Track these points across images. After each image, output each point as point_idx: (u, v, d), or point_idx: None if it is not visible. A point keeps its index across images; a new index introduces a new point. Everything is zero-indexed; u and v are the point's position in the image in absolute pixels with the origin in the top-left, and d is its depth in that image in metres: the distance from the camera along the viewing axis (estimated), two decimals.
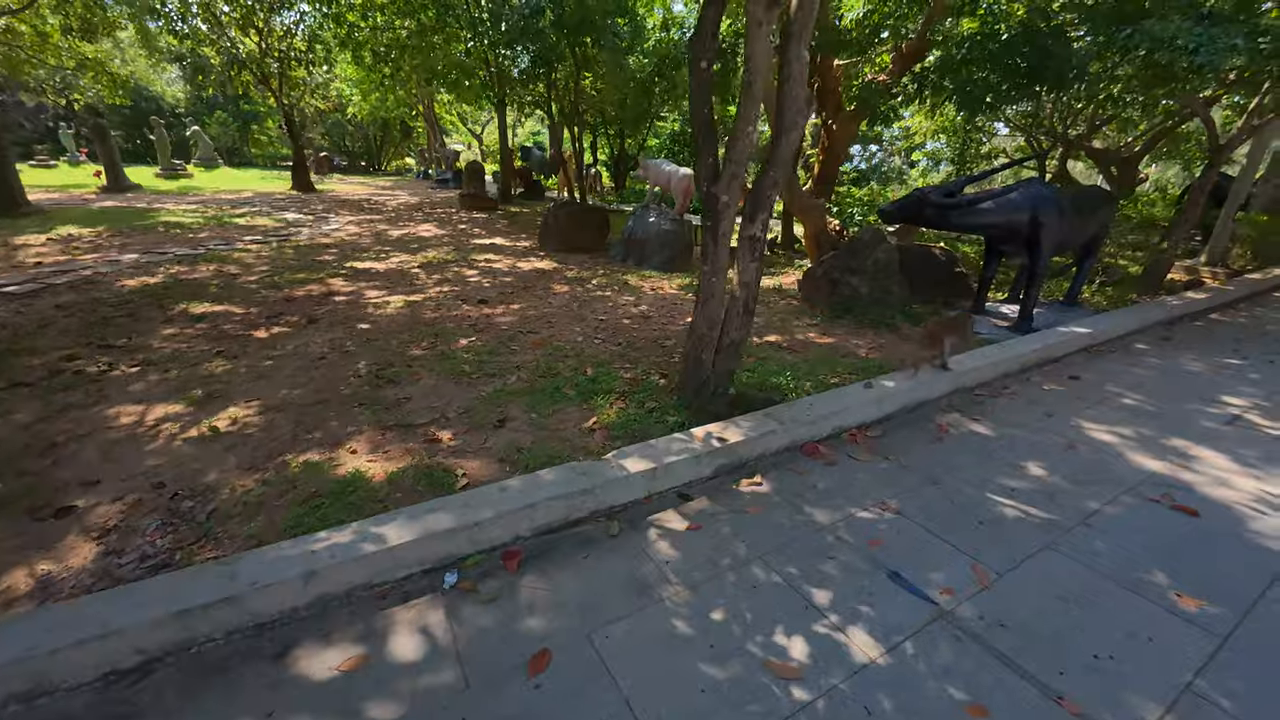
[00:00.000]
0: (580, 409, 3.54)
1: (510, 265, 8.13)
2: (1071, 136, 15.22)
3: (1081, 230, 5.22)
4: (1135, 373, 4.22)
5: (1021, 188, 4.87)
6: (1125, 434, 3.25)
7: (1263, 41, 4.27)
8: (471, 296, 6.26)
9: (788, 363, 4.36)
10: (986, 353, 4.07)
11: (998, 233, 5.00)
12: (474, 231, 11.33)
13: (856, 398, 3.27)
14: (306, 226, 10.98)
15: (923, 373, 3.71)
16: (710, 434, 2.76)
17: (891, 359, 4.52)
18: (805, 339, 5.03)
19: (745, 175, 3.07)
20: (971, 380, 3.80)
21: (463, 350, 4.51)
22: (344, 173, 25.00)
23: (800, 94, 2.99)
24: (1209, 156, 6.68)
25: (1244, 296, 6.54)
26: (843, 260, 5.69)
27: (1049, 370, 4.23)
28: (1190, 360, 4.51)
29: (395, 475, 2.73)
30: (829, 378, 4.01)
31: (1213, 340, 5.07)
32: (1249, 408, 3.65)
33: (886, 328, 5.28)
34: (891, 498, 2.58)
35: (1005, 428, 3.30)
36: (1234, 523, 2.46)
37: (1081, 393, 3.83)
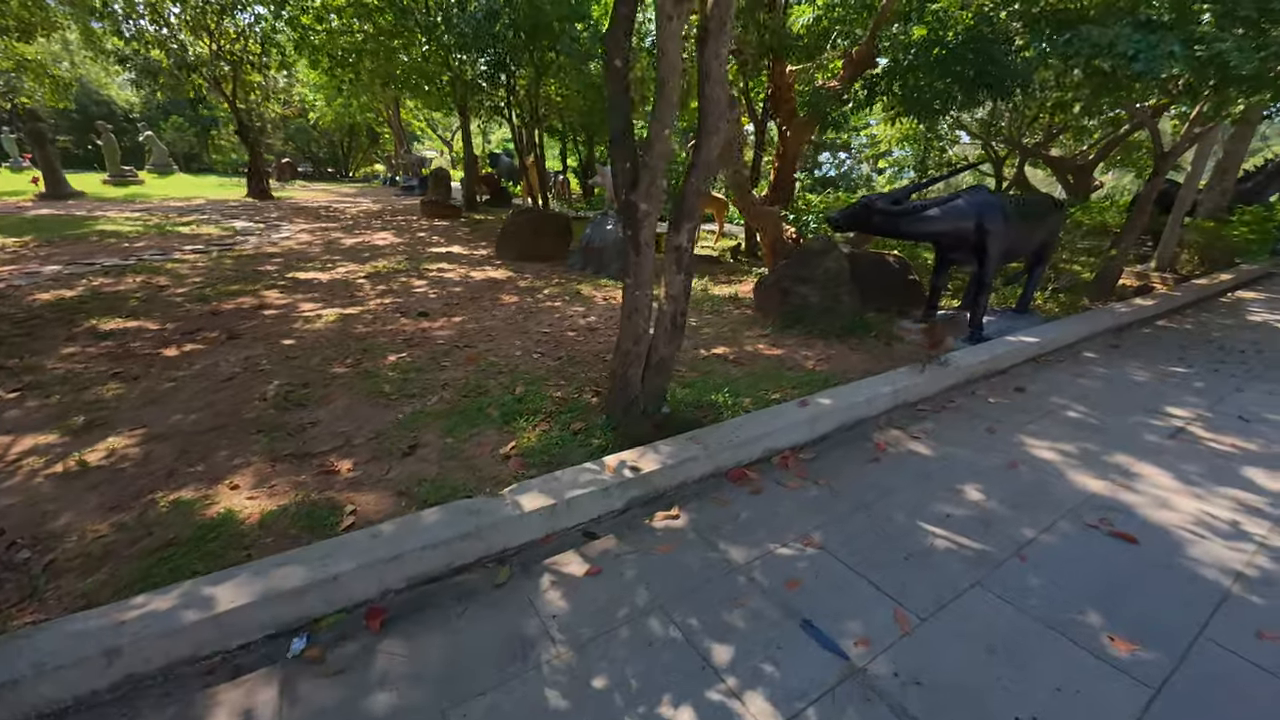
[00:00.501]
0: (500, 432, 3.28)
1: (463, 275, 7.82)
2: (1029, 145, 15.48)
3: (1030, 237, 5.14)
4: (1081, 384, 4.11)
5: (967, 195, 4.77)
6: (1067, 450, 3.10)
7: (1199, 49, 4.22)
8: (413, 308, 5.95)
9: (731, 377, 4.16)
10: (932, 369, 3.91)
11: (946, 240, 4.89)
12: (432, 240, 10.98)
13: (790, 417, 3.07)
14: (255, 235, 10.52)
15: (930, 369, 3.85)
16: (624, 463, 2.52)
17: (838, 371, 4.35)
18: (754, 351, 4.84)
19: (665, 180, 2.85)
20: (914, 395, 3.64)
21: (388, 368, 4.21)
22: (308, 179, 24.33)
23: (721, 95, 2.79)
24: (1155, 164, 6.72)
25: (1191, 302, 6.56)
26: (793, 269, 5.53)
27: (996, 382, 4.10)
28: (1136, 369, 4.43)
29: (272, 515, 2.43)
30: (770, 393, 3.82)
31: (1159, 348, 5.01)
32: (1192, 419, 3.55)
33: (837, 338, 5.12)
34: (816, 530, 2.36)
35: (946, 446, 3.13)
36: (1173, 550, 2.31)
37: (1026, 405, 3.70)
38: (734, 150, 6.12)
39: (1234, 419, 3.56)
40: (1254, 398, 3.90)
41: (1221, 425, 3.47)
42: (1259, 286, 7.93)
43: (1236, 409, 3.71)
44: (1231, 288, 7.51)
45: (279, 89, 19.92)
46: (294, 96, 21.22)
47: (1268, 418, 3.59)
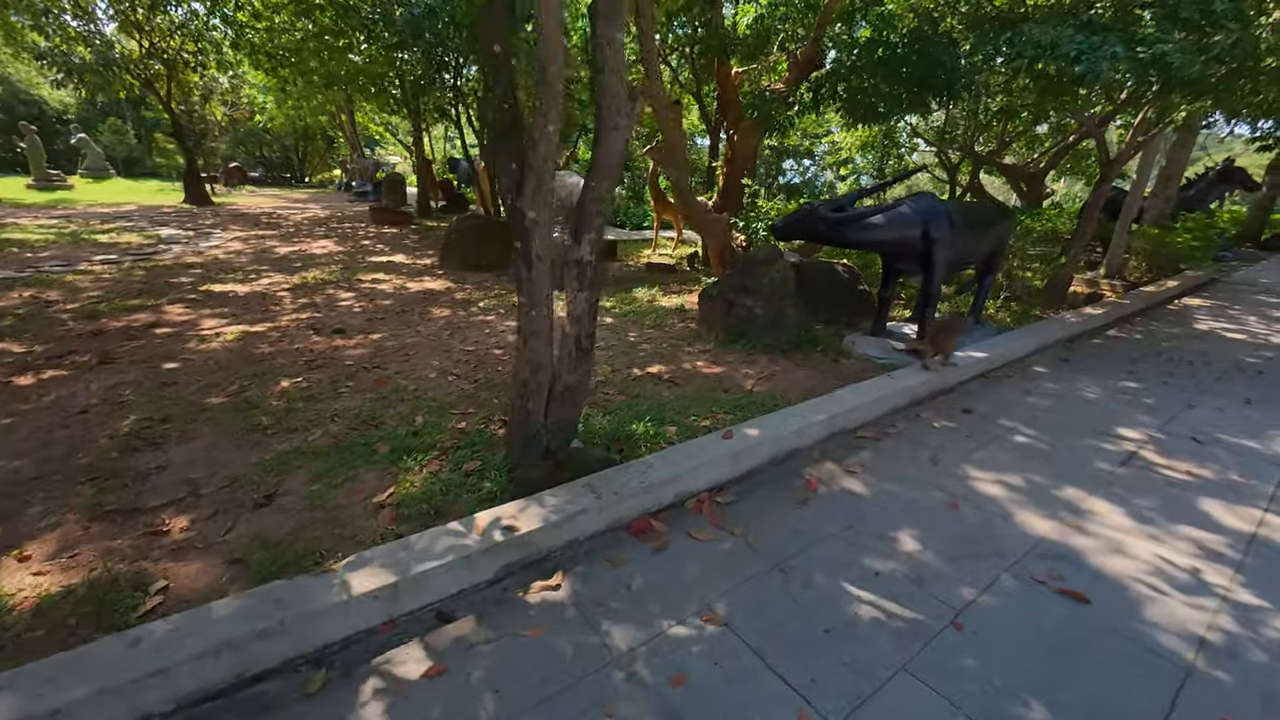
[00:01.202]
0: (382, 474, 2.82)
1: (397, 286, 7.29)
2: (983, 152, 15.62)
3: (977, 245, 4.91)
4: (1031, 403, 3.84)
5: (912, 201, 4.51)
6: (1014, 484, 2.79)
7: (1141, 51, 4.03)
8: (330, 324, 5.42)
9: (661, 401, 3.77)
10: (873, 387, 3.60)
11: (891, 249, 4.61)
12: (376, 248, 10.39)
13: (710, 452, 2.69)
14: (180, 244, 9.76)
15: (933, 366, 3.92)
16: (498, 521, 2.09)
17: (779, 392, 4.01)
18: (691, 369, 4.47)
19: (552, 184, 2.45)
20: (854, 420, 3.31)
21: (275, 396, 3.70)
22: (259, 185, 23.26)
23: (618, 87, 2.40)
24: (1101, 171, 6.63)
25: (1139, 310, 6.46)
26: (737, 280, 5.19)
27: (942, 402, 3.81)
28: (1086, 385, 4.20)
29: (52, 600, 1.93)
30: (701, 419, 3.44)
31: (1109, 360, 4.82)
32: (1144, 442, 3.30)
33: (782, 354, 4.79)
34: (722, 598, 1.98)
35: (883, 481, 2.79)
36: (1128, 610, 1.99)
37: (973, 429, 3.40)
38: (678, 153, 5.77)
39: (1187, 440, 3.33)
40: (1205, 416, 3.69)
41: (1175, 448, 3.23)
42: (1204, 293, 7.94)
43: (1189, 428, 3.48)
44: (1178, 294, 7.48)
45: (224, 90, 18.95)
46: (241, 98, 20.23)
47: (1220, 438, 3.37)
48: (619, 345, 5.01)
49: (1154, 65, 4.07)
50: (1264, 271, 9.67)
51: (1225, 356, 4.99)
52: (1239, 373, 4.57)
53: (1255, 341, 5.53)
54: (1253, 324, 6.21)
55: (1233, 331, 5.90)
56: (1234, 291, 8.07)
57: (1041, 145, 15.93)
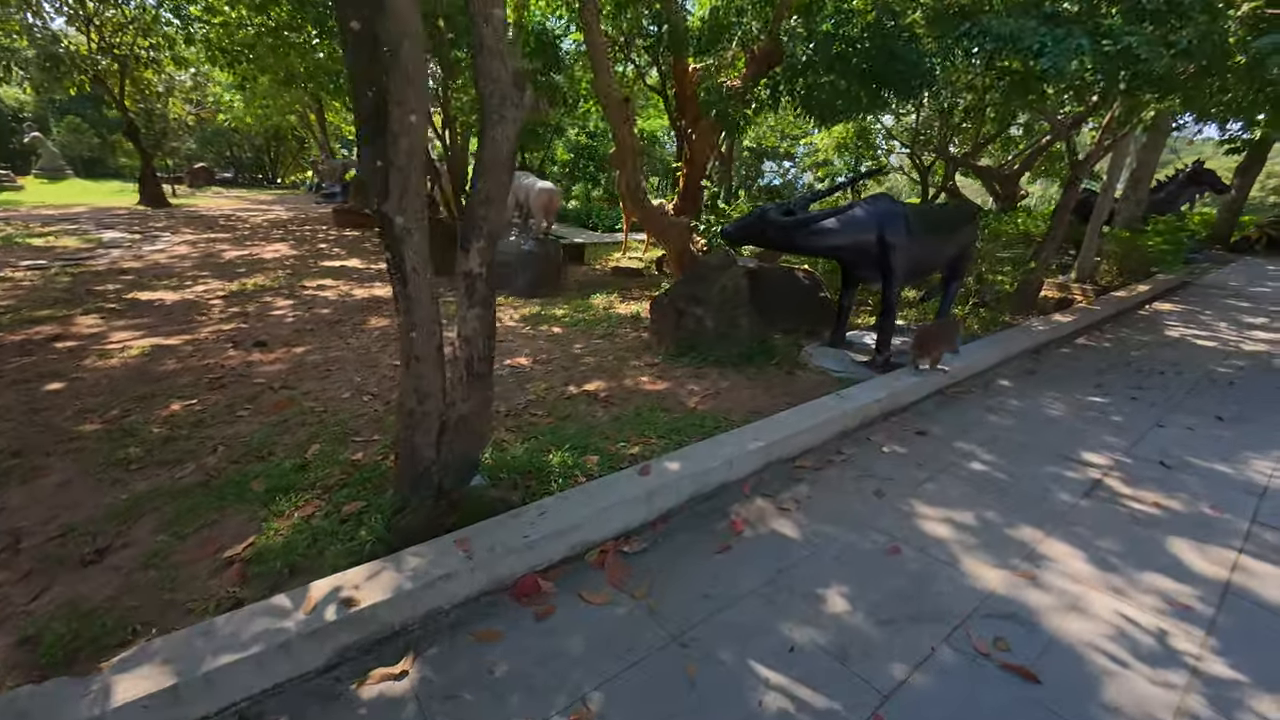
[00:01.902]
0: (249, 519, 2.44)
1: (342, 293, 6.86)
2: (958, 154, 15.48)
3: (940, 250, 4.62)
4: (991, 422, 3.55)
5: (866, 204, 4.20)
6: (965, 523, 2.48)
7: (1106, 44, 3.76)
8: (252, 337, 5.00)
9: (592, 423, 3.42)
10: (819, 408, 3.27)
11: (846, 255, 4.30)
12: (332, 251, 9.93)
13: (621, 492, 2.34)
14: (122, 248, 9.23)
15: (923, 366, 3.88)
16: (338, 591, 1.72)
17: (723, 411, 3.67)
18: (634, 385, 4.12)
19: (419, 183, 2.08)
20: (795, 447, 2.97)
21: (159, 422, 3.29)
22: (227, 185, 22.55)
23: (500, 70, 2.05)
24: (1070, 172, 6.41)
25: (1110, 316, 6.24)
26: (687, 288, 4.86)
27: (896, 422, 3.49)
28: (1052, 400, 3.91)
29: None
30: (630, 445, 3.09)
31: (1077, 372, 4.55)
32: (1110, 468, 3.00)
33: (733, 367, 4.46)
34: (600, 687, 1.63)
35: (818, 522, 2.45)
36: (1084, 693, 1.67)
37: (926, 455, 3.09)
38: (628, 154, 5.42)
39: (1155, 465, 3.04)
40: (1175, 436, 3.41)
41: (1142, 474, 2.94)
42: (1175, 297, 7.77)
43: (1157, 451, 3.20)
44: (1149, 299, 7.29)
45: (186, 89, 18.27)
46: (207, 97, 19.55)
47: (1191, 462, 3.09)
48: (561, 358, 4.65)
49: (1120, 60, 3.80)
50: (1233, 274, 9.55)
51: (1197, 366, 4.75)
52: (1211, 384, 4.32)
53: (1226, 349, 5.31)
54: (1223, 330, 6.01)
55: (1204, 338, 5.68)
56: (1205, 295, 7.91)
57: (1016, 147, 15.87)
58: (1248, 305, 7.27)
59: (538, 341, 5.07)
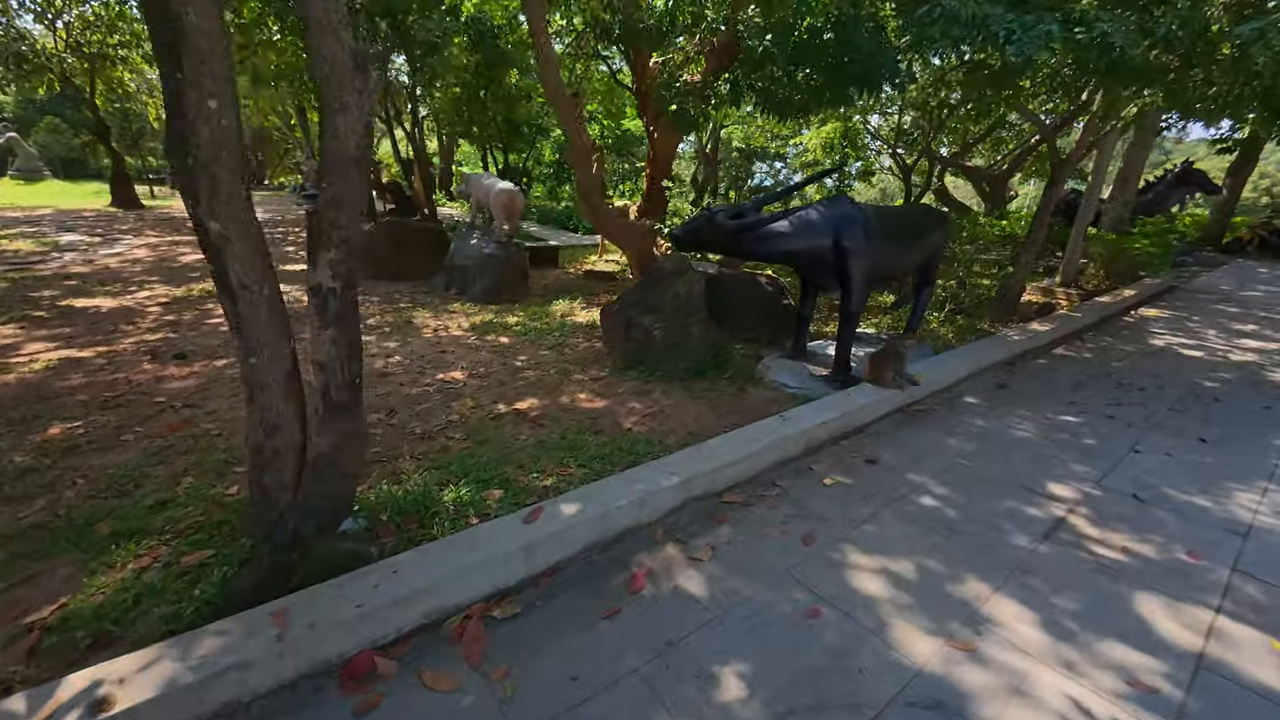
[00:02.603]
0: (78, 570, 2.09)
1: (294, 298, 6.49)
2: (948, 155, 15.15)
3: (905, 256, 4.28)
4: (950, 447, 3.20)
5: (822, 206, 3.86)
6: (903, 574, 2.14)
7: (1079, 31, 3.42)
8: (176, 348, 4.66)
9: (511, 449, 3.08)
10: (757, 433, 2.92)
11: (800, 261, 3.97)
12: (297, 255, 9.58)
13: (498, 544, 1.99)
14: (76, 251, 8.88)
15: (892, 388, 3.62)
16: (95, 689, 1.38)
17: (660, 434, 3.34)
18: (571, 402, 3.78)
19: (234, 182, 1.73)
20: (723, 480, 2.63)
21: (29, 449, 2.96)
22: None
23: (335, 50, 1.70)
24: (1051, 172, 6.08)
25: (1092, 324, 5.90)
26: (638, 295, 4.51)
27: (845, 447, 3.15)
28: (1020, 420, 3.57)
29: None
30: (545, 477, 2.75)
31: (1052, 386, 4.21)
32: (1076, 502, 2.67)
33: (681, 381, 4.12)
34: None
35: (733, 574, 2.11)
36: None
37: (872, 488, 2.75)
38: (581, 153, 5.08)
39: (1127, 498, 2.71)
40: (1152, 462, 3.07)
41: (1111, 510, 2.60)
42: (1162, 302, 7.43)
43: (1131, 481, 2.87)
44: (1135, 304, 6.96)
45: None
46: None
47: (1167, 495, 2.75)
48: (499, 372, 4.31)
49: (1095, 49, 3.47)
50: (1224, 277, 9.23)
51: (1181, 380, 4.42)
52: (1195, 401, 3.99)
53: (1213, 360, 4.98)
54: (1211, 338, 5.68)
55: (1190, 348, 5.35)
56: (1193, 300, 7.58)
57: (1006, 147, 15.55)
58: (1237, 311, 6.94)
59: (480, 353, 4.72)
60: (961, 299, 6.31)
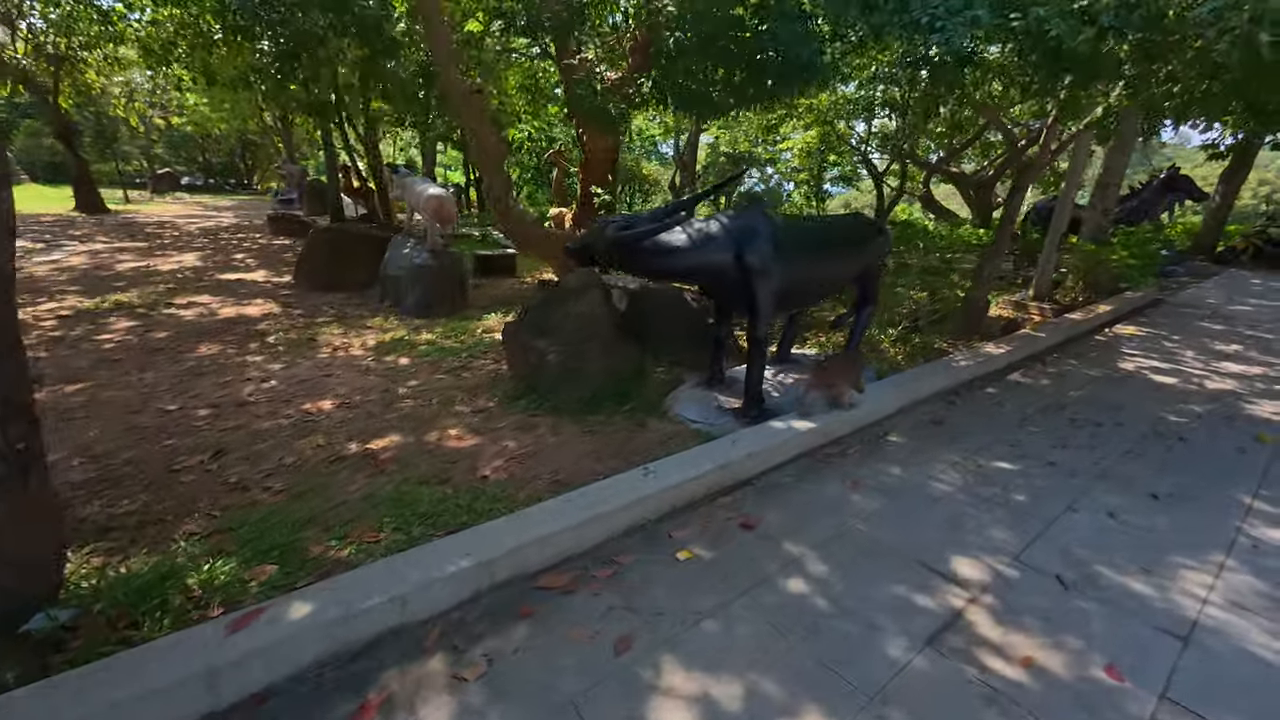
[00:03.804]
0: None
1: (204, 313, 6.08)
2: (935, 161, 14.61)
3: (830, 273, 3.76)
4: (852, 505, 2.68)
5: (730, 216, 3.35)
6: (721, 707, 1.62)
7: (1013, 17, 2.91)
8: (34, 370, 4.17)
9: (330, 504, 2.59)
10: (610, 492, 2.41)
11: (702, 280, 3.47)
12: (244, 263, 9.15)
13: (170, 669, 1.50)
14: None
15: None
16: None
17: (526, 479, 2.84)
18: (435, 441, 3.29)
19: None
20: (544, 556, 2.12)
21: None
22: (194, 191, 21.88)
23: None
24: (1013, 178, 5.56)
25: (1058, 344, 5.35)
26: (535, 315, 4.02)
27: (723, 505, 2.63)
28: (945, 468, 3.04)
29: None
30: (341, 549, 2.26)
31: (994, 422, 3.68)
32: (983, 587, 2.14)
33: (574, 414, 3.62)
34: None
35: (492, 708, 1.60)
36: None
37: (734, 566, 2.23)
38: (490, 154, 4.60)
39: (1048, 581, 2.18)
40: (1089, 527, 2.54)
41: (1022, 603, 2.07)
42: (1143, 317, 6.87)
43: (1059, 554, 2.34)
44: (1110, 321, 6.40)
45: (145, 91, 17.61)
46: (170, 101, 18.88)
47: (1098, 575, 2.22)
48: (377, 401, 3.82)
49: (1030, 37, 2.95)
50: (1213, 290, 8.64)
51: (1144, 412, 3.88)
52: (1155, 441, 3.45)
53: (1186, 388, 4.43)
54: (1188, 361, 5.12)
55: (1163, 373, 4.80)
56: (1176, 315, 7.01)
57: (995, 152, 14.99)
58: (1221, 328, 6.37)
59: (368, 378, 4.24)
60: (918, 315, 5.78)
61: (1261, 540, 2.49)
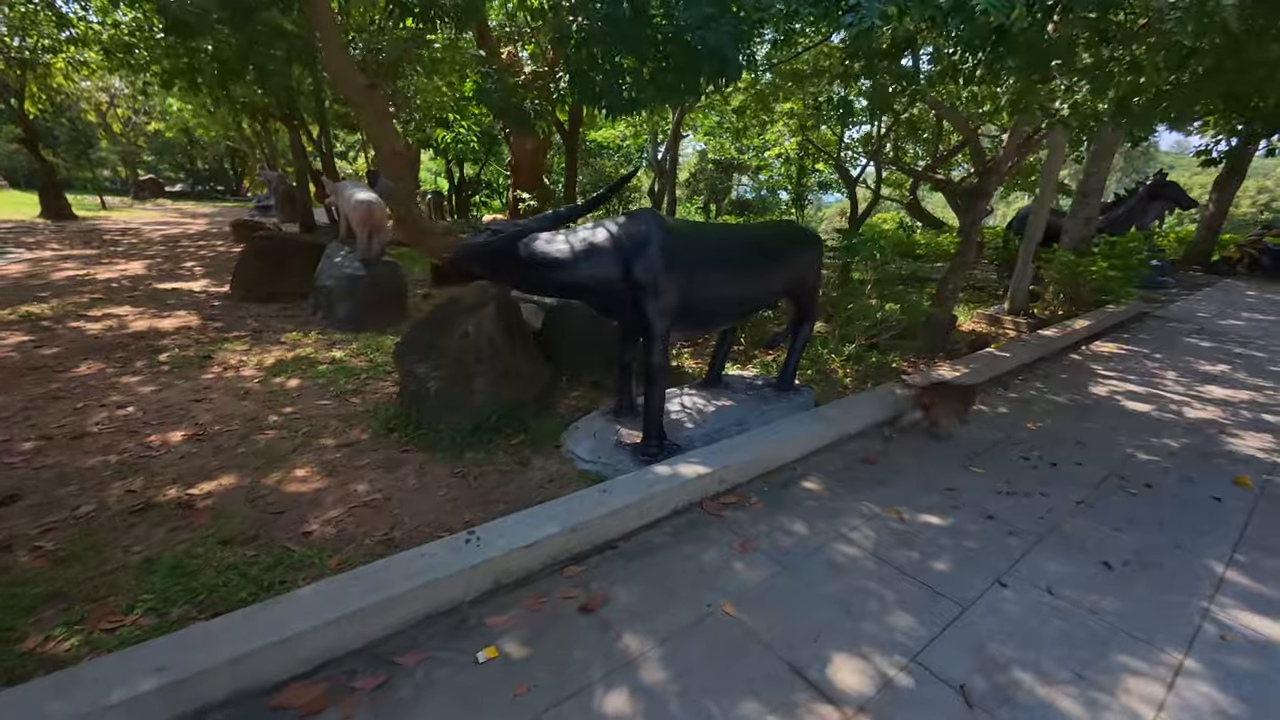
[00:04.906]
0: None
1: (113, 326, 5.64)
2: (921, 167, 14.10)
3: (748, 289, 3.28)
4: (731, 577, 2.18)
5: (616, 223, 2.88)
6: None
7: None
8: None
9: (96, 572, 2.12)
10: (412, 566, 1.93)
11: (590, 298, 2.98)
12: (191, 271, 8.74)
13: None
14: None
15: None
16: None
17: (353, 539, 2.36)
18: (278, 481, 2.81)
19: None
20: (308, 654, 1.64)
21: None
22: (179, 198, 21.59)
23: None
24: (976, 183, 5.08)
25: (1025, 364, 4.85)
26: (422, 335, 3.54)
27: (567, 579, 2.14)
28: (860, 523, 2.54)
29: None
30: (59, 642, 1.78)
31: (934, 460, 3.18)
32: (859, 706, 1.64)
33: (448, 450, 3.14)
34: None
35: None
36: None
37: (546, 670, 1.73)
38: (390, 156, 4.15)
39: (948, 695, 1.68)
40: (1018, 611, 2.04)
41: None
42: (1125, 333, 6.35)
43: (970, 652, 1.84)
44: (1087, 337, 5.89)
45: (125, 96, 17.33)
46: (152, 108, 18.62)
47: (1016, 683, 1.71)
48: (235, 433, 3.34)
49: (959, 14, 2.49)
50: (1204, 302, 8.11)
51: (1110, 449, 3.37)
52: (1119, 487, 2.94)
53: (1162, 417, 3.92)
54: (1168, 385, 4.61)
55: (1138, 398, 4.29)
56: (1162, 331, 6.49)
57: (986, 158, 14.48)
58: (1209, 345, 5.85)
59: (241, 403, 3.77)
60: (879, 331, 5.28)
61: (1232, 628, 1.98)
